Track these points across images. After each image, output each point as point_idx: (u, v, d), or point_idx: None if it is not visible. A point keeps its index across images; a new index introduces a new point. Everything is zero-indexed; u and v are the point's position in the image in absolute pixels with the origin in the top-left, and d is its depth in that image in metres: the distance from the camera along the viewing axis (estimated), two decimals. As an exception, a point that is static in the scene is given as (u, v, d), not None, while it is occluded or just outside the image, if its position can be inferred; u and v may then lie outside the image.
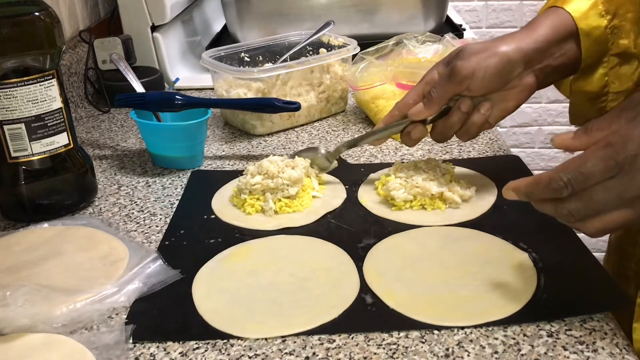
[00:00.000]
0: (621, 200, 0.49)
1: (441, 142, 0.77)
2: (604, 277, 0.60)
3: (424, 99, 0.73)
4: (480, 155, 0.89)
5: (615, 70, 0.71)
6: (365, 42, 1.07)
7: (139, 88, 1.01)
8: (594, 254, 0.64)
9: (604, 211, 0.50)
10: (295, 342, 0.55)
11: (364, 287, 0.61)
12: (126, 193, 0.84)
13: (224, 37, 1.43)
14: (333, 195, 0.79)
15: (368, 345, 0.54)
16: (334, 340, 0.55)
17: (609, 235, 0.88)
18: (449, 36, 1.03)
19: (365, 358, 0.53)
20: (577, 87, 0.74)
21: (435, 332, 0.55)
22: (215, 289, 0.62)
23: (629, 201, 0.49)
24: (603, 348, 0.52)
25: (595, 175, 0.49)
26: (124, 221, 0.77)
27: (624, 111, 0.51)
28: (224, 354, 0.54)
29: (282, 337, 0.55)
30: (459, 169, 0.82)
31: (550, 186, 0.51)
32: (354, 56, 1.04)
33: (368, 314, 0.57)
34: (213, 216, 0.76)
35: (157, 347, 0.55)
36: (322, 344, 0.54)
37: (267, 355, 0.54)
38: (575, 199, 0.51)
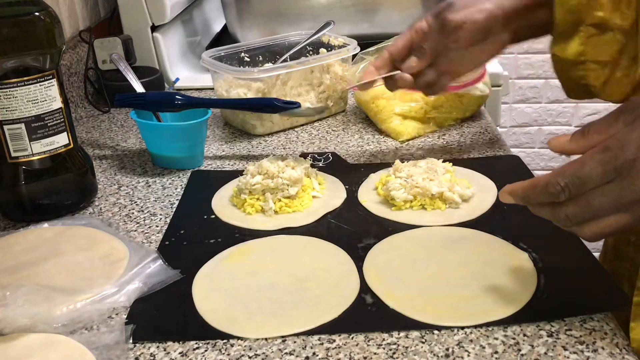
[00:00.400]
0: (619, 205, 0.49)
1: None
2: (604, 277, 0.60)
3: (416, 52, 0.77)
4: (480, 155, 0.89)
5: (593, 40, 0.70)
6: (365, 42, 1.07)
7: (139, 88, 1.01)
8: (594, 254, 0.64)
9: (601, 216, 0.50)
10: (295, 342, 0.55)
11: (364, 287, 0.61)
12: (126, 193, 0.84)
13: (224, 37, 1.43)
14: (333, 195, 0.79)
15: (368, 345, 0.54)
16: (334, 340, 0.55)
17: None
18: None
19: (365, 358, 0.53)
20: (555, 52, 0.73)
21: (435, 332, 0.55)
22: (215, 289, 0.62)
23: (627, 206, 0.49)
24: (603, 348, 0.52)
25: (593, 180, 0.49)
26: (124, 221, 0.77)
27: (621, 114, 0.50)
28: (224, 354, 0.54)
29: (282, 337, 0.55)
30: (459, 169, 0.82)
31: (547, 190, 0.51)
32: (354, 56, 1.04)
33: (368, 314, 0.57)
34: (213, 216, 0.76)
35: (157, 347, 0.55)
36: (322, 344, 0.54)
37: (267, 355, 0.54)
38: (573, 204, 0.50)
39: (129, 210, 0.79)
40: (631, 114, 0.50)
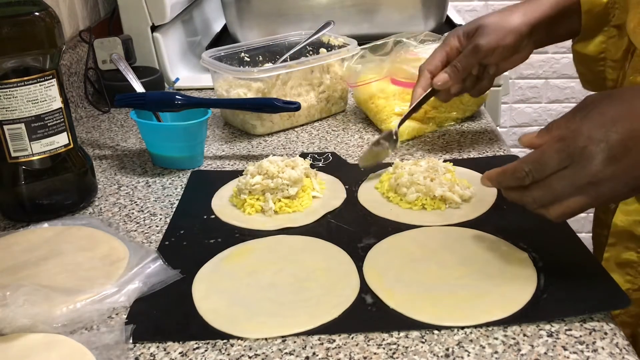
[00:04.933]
0: (575, 188, 0.55)
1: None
2: (604, 277, 0.60)
3: (449, 70, 0.83)
4: (480, 155, 0.89)
5: (614, 40, 0.78)
6: (365, 42, 1.07)
7: (139, 88, 1.01)
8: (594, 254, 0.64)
9: (562, 198, 0.56)
10: (295, 342, 0.55)
11: (364, 287, 0.61)
12: (126, 193, 0.84)
13: (224, 37, 1.43)
14: (333, 196, 0.79)
15: (368, 345, 0.54)
16: (334, 340, 0.55)
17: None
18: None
19: (365, 358, 0.53)
20: (576, 48, 0.83)
21: (435, 332, 0.55)
22: (215, 289, 0.62)
23: (582, 188, 0.55)
24: (603, 348, 0.52)
25: (551, 165, 0.55)
26: (124, 221, 0.77)
27: (578, 111, 0.57)
28: (224, 354, 0.54)
29: (282, 337, 0.55)
30: (459, 169, 0.82)
31: (514, 175, 0.58)
32: (354, 56, 1.04)
33: (368, 314, 0.57)
34: (213, 216, 0.76)
35: (157, 347, 0.55)
36: (322, 344, 0.54)
37: (267, 355, 0.54)
38: (537, 187, 0.57)
39: (129, 210, 0.79)
40: (585, 109, 0.56)
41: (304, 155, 0.88)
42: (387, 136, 0.87)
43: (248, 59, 1.10)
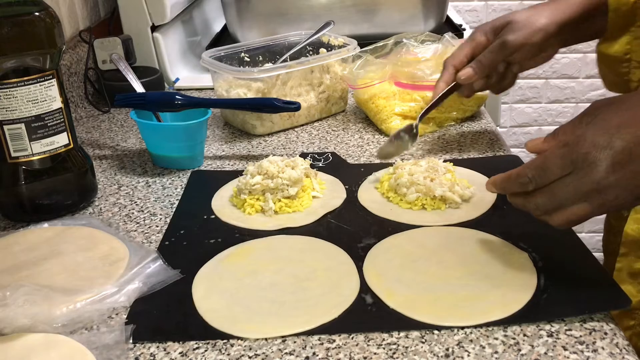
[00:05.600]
0: (578, 195, 0.54)
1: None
2: (604, 277, 0.60)
3: (474, 65, 0.83)
4: (480, 155, 0.89)
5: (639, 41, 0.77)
6: (365, 42, 1.07)
7: (139, 88, 1.01)
8: (594, 254, 0.64)
9: (565, 205, 0.55)
10: (295, 342, 0.55)
11: (364, 287, 0.61)
12: (126, 193, 0.84)
13: (224, 37, 1.43)
14: (333, 196, 0.79)
15: (368, 345, 0.54)
16: (334, 340, 0.55)
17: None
18: (448, 35, 1.03)
19: (365, 358, 0.53)
20: (601, 49, 0.81)
21: (435, 332, 0.55)
22: (215, 289, 0.62)
23: (586, 195, 0.54)
24: (603, 348, 0.52)
25: (553, 171, 0.55)
26: (124, 221, 0.77)
27: (585, 116, 0.56)
28: (224, 354, 0.54)
29: (282, 337, 0.55)
30: (459, 169, 0.82)
31: (518, 181, 0.58)
32: (355, 61, 1.04)
33: (368, 314, 0.57)
34: (213, 216, 0.76)
35: (157, 347, 0.55)
36: (322, 344, 0.54)
37: (267, 355, 0.54)
38: (540, 194, 0.56)
39: (129, 210, 0.79)
40: (592, 115, 0.55)
41: (304, 155, 0.88)
42: (407, 129, 0.87)
43: (248, 59, 1.10)
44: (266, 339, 0.55)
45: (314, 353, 0.53)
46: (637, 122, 0.53)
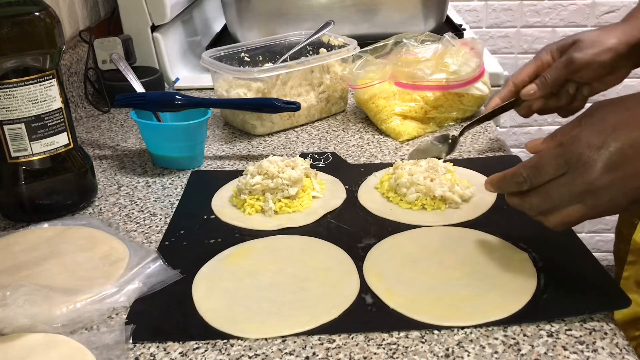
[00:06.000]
0: (573, 196, 0.54)
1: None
2: (604, 277, 0.60)
3: (538, 82, 0.81)
4: (480, 155, 0.89)
5: None
6: (365, 42, 1.07)
7: (139, 88, 1.01)
8: (594, 254, 0.64)
9: (560, 206, 0.55)
10: (295, 342, 0.55)
11: (364, 287, 0.61)
12: (126, 193, 0.84)
13: (224, 37, 1.43)
14: (333, 196, 0.79)
15: (368, 345, 0.54)
16: (334, 340, 0.55)
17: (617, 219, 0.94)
18: (448, 35, 1.03)
19: (365, 358, 0.53)
20: None
21: (435, 332, 0.55)
22: (215, 289, 0.62)
23: (580, 196, 0.53)
24: (603, 348, 0.52)
25: (548, 171, 0.54)
26: (124, 221, 0.77)
27: (584, 117, 0.56)
28: (224, 354, 0.54)
29: (282, 337, 0.55)
30: (459, 169, 0.82)
31: (513, 180, 0.57)
32: (355, 61, 1.04)
33: (368, 314, 0.57)
34: (213, 216, 0.76)
35: (157, 347, 0.55)
36: (322, 344, 0.54)
37: (267, 355, 0.54)
38: (535, 194, 0.56)
39: (129, 210, 0.79)
40: (590, 116, 0.55)
41: (304, 155, 0.88)
42: (442, 139, 0.88)
43: (248, 59, 1.10)
44: (266, 339, 0.55)
45: (314, 353, 0.53)
46: (633, 123, 0.52)
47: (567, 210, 0.54)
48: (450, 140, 0.87)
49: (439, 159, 0.84)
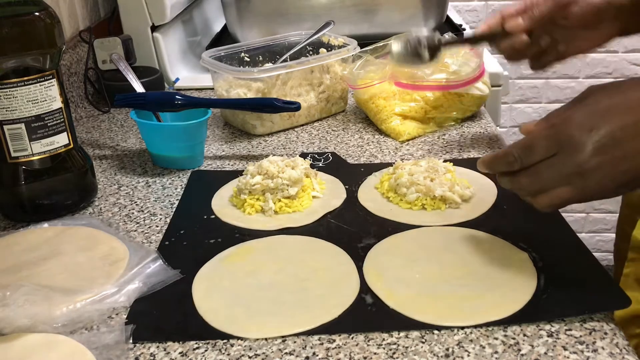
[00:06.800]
0: (562, 177, 0.54)
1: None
2: (604, 277, 0.60)
3: (525, 15, 0.78)
4: (480, 155, 0.89)
5: None
6: (365, 42, 1.07)
7: (139, 88, 1.01)
8: (594, 254, 0.64)
9: (550, 187, 0.55)
10: (295, 342, 0.55)
11: (364, 287, 0.61)
12: (126, 193, 0.84)
13: (224, 37, 1.43)
14: (333, 196, 0.79)
15: (368, 345, 0.54)
16: (334, 340, 0.55)
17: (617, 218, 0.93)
18: (448, 35, 1.03)
19: (365, 358, 0.53)
20: None
21: (435, 332, 0.55)
22: (215, 289, 0.62)
23: (568, 177, 0.53)
24: (603, 348, 0.52)
25: (539, 152, 0.55)
26: (124, 221, 0.77)
27: (577, 101, 0.56)
28: (224, 354, 0.54)
29: (282, 337, 0.55)
30: (459, 169, 0.82)
31: (505, 160, 0.57)
32: (353, 56, 1.04)
33: (368, 314, 0.57)
34: (213, 216, 0.76)
35: (157, 347, 0.55)
36: (322, 344, 0.54)
37: (267, 355, 0.54)
38: (526, 174, 0.56)
39: (129, 210, 0.79)
40: (583, 98, 0.55)
41: (304, 155, 0.88)
42: (429, 41, 0.82)
43: (248, 59, 1.10)
44: (266, 339, 0.55)
45: (314, 353, 0.53)
46: (626, 106, 0.53)
47: (556, 191, 0.54)
48: (436, 42, 0.82)
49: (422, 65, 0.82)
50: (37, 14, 0.71)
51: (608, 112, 0.53)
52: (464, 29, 1.43)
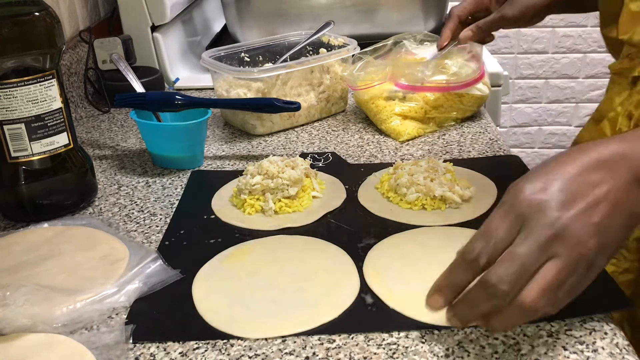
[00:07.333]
0: (542, 248, 0.46)
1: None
2: (603, 277, 0.60)
3: (475, 29, 0.97)
4: (480, 155, 0.89)
5: None
6: (365, 42, 1.07)
7: (139, 88, 1.01)
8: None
9: (533, 268, 0.46)
10: (295, 342, 0.55)
11: (364, 287, 0.61)
12: (126, 193, 0.84)
13: (224, 37, 1.43)
14: (333, 195, 0.79)
15: (368, 345, 0.54)
16: (334, 340, 0.55)
17: None
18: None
19: (365, 358, 0.53)
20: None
21: (435, 332, 0.55)
22: (215, 289, 0.62)
23: (548, 246, 0.46)
24: (603, 348, 0.52)
25: (500, 234, 0.48)
26: (124, 221, 0.77)
27: (515, 182, 0.50)
28: (224, 354, 0.54)
29: (282, 337, 0.55)
30: (459, 169, 0.82)
31: (466, 259, 0.50)
32: (354, 56, 1.04)
33: (368, 314, 0.57)
34: (213, 216, 0.76)
35: (157, 347, 0.55)
36: (322, 344, 0.54)
37: (267, 355, 0.54)
38: (499, 263, 0.47)
39: (129, 210, 0.79)
40: (521, 179, 0.50)
41: (304, 155, 0.88)
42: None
43: (248, 59, 1.10)
44: (266, 339, 0.55)
45: (314, 353, 0.53)
46: (566, 160, 0.49)
47: (542, 272, 0.46)
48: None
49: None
50: (37, 14, 0.71)
51: (553, 169, 0.49)
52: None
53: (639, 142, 0.49)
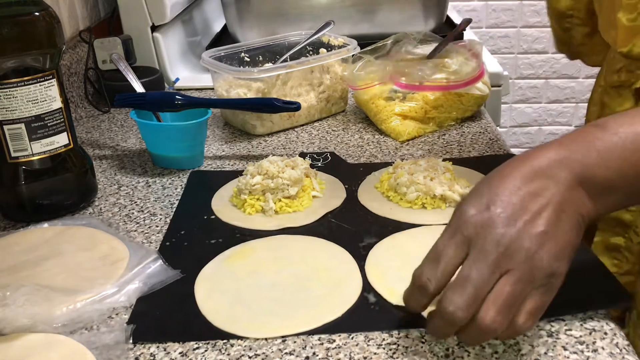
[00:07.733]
0: (492, 268, 0.46)
1: None
2: (604, 276, 0.60)
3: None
4: (480, 155, 0.89)
5: None
6: (365, 42, 1.07)
7: (139, 88, 1.01)
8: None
9: (486, 288, 0.46)
10: (295, 342, 0.55)
11: (367, 286, 0.61)
12: (126, 193, 0.84)
13: (224, 37, 1.43)
14: (333, 195, 0.79)
15: (368, 345, 0.54)
16: (334, 340, 0.55)
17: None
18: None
19: (365, 358, 0.53)
20: (551, 3, 0.89)
21: (436, 332, 0.55)
22: (216, 289, 0.62)
23: (497, 265, 0.46)
24: (603, 348, 0.52)
25: (448, 255, 0.48)
26: (124, 221, 0.77)
27: (459, 204, 0.50)
28: (224, 354, 0.54)
29: (283, 337, 0.55)
30: (458, 169, 0.82)
31: (416, 285, 0.50)
32: (354, 56, 1.04)
33: (371, 313, 0.57)
34: (213, 216, 0.76)
35: (157, 347, 0.55)
36: (322, 344, 0.54)
37: (267, 355, 0.54)
38: (451, 288, 0.47)
39: (129, 210, 0.79)
40: (464, 200, 0.50)
41: (302, 155, 0.88)
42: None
43: (248, 59, 1.10)
44: (266, 339, 0.55)
45: (314, 353, 0.53)
46: (504, 174, 0.49)
47: (495, 292, 0.46)
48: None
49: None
50: (37, 14, 0.71)
51: (492, 186, 0.48)
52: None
53: (576, 145, 0.49)
